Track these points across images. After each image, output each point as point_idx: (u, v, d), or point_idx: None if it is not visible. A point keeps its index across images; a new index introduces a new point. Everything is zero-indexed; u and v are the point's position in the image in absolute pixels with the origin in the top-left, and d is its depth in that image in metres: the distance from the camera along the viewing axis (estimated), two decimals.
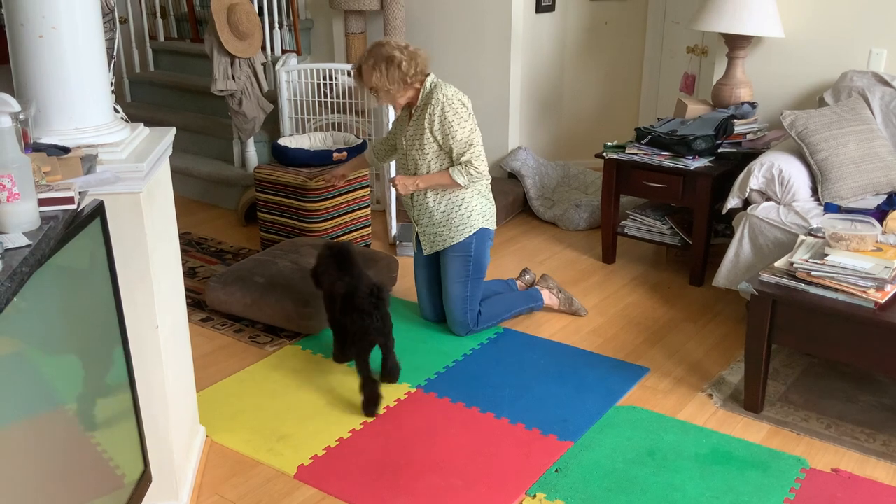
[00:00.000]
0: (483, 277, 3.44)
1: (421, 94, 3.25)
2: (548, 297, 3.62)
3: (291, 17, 5.46)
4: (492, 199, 3.44)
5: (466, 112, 3.21)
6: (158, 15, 5.95)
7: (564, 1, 5.31)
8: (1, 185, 1.58)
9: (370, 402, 2.88)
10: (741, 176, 3.51)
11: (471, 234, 3.33)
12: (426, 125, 3.23)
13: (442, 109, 3.18)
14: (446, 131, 3.19)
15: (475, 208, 3.33)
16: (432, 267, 3.48)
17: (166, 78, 5.78)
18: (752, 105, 4.05)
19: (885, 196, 3.40)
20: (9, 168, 1.60)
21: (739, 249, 3.45)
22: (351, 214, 4.21)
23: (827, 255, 2.77)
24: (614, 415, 2.90)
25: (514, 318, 3.58)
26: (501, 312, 3.50)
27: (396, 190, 3.35)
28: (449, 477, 2.58)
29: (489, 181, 3.40)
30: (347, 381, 3.13)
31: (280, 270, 3.60)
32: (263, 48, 5.01)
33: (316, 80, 4.70)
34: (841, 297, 2.65)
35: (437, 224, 3.35)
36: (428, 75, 3.26)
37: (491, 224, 3.41)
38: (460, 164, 3.23)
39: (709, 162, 3.81)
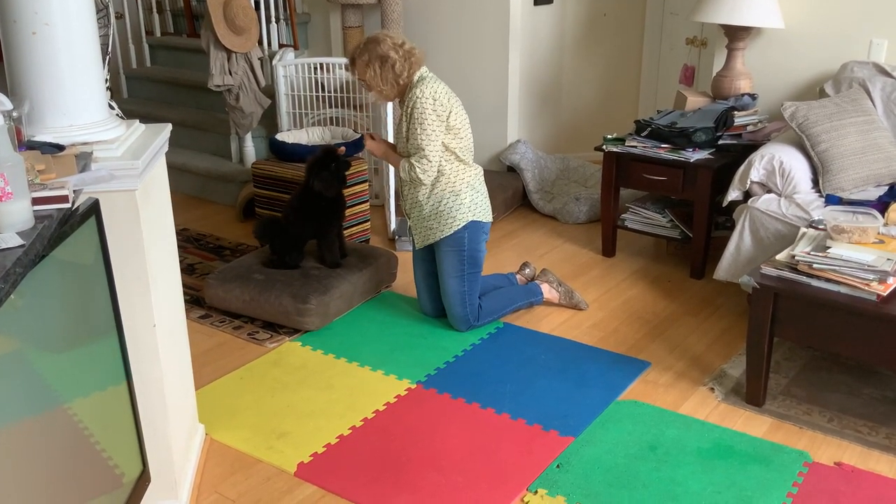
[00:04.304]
0: (480, 271, 3.42)
1: (409, 86, 3.26)
2: (547, 292, 3.60)
3: (288, 12, 5.44)
4: (484, 190, 3.41)
5: (435, 117, 3.18)
6: (154, 10, 5.93)
7: None
8: None
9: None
10: (742, 168, 3.49)
11: (460, 227, 3.30)
12: (405, 118, 3.26)
13: (414, 105, 3.19)
14: (411, 127, 3.23)
15: (464, 201, 3.30)
16: (431, 262, 3.47)
17: (163, 73, 5.75)
18: (752, 97, 4.03)
19: (887, 187, 3.38)
20: (1, 167, 1.58)
21: (740, 242, 3.43)
22: (349, 209, 4.18)
23: (829, 247, 2.75)
24: (615, 409, 2.89)
25: (514, 313, 3.56)
26: (502, 307, 3.49)
27: (369, 147, 3.49)
28: (450, 473, 2.56)
29: (480, 172, 3.39)
30: (347, 377, 3.12)
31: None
32: (260, 43, 4.98)
33: (313, 75, 4.68)
34: (843, 289, 2.64)
35: (427, 217, 3.34)
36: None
37: (483, 216, 3.38)
38: (410, 161, 3.26)
39: (709, 154, 3.79)
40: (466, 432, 2.77)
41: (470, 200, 3.32)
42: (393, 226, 4.43)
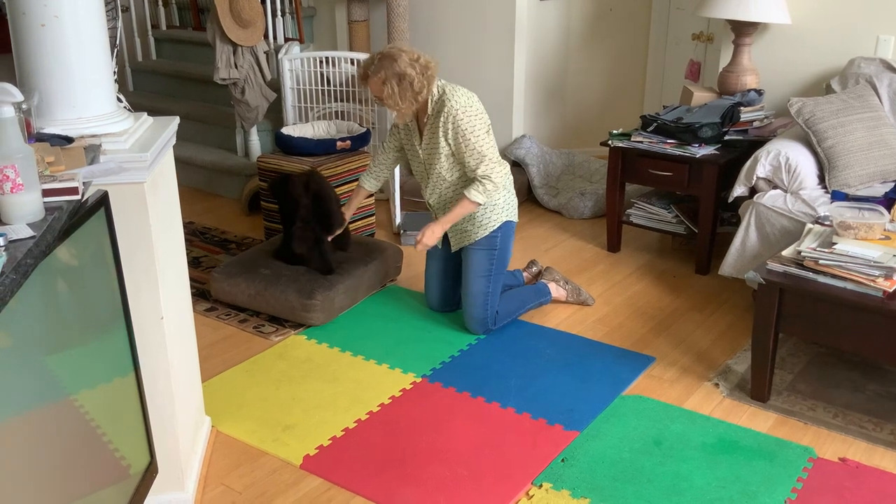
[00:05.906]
0: (504, 272, 3.40)
1: (430, 102, 3.14)
2: (555, 290, 3.59)
3: (294, 5, 5.43)
4: (512, 189, 3.36)
5: (478, 119, 3.11)
6: (160, 3, 5.92)
7: None
8: (4, 175, 1.57)
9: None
10: (748, 164, 3.48)
11: (496, 227, 3.26)
12: (440, 134, 3.14)
13: (455, 118, 3.08)
14: (459, 140, 3.10)
15: (498, 202, 3.26)
16: (450, 260, 3.44)
17: (168, 67, 5.76)
18: (759, 92, 4.02)
19: (893, 184, 3.37)
20: (12, 159, 1.59)
21: (746, 238, 3.43)
22: None
23: (834, 243, 2.75)
24: (620, 404, 2.89)
25: None
26: (514, 310, 3.45)
27: (425, 245, 3.23)
28: (455, 467, 2.57)
29: (508, 169, 3.29)
30: (353, 371, 3.12)
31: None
32: (266, 36, 4.98)
33: (319, 69, 4.68)
34: (849, 285, 2.64)
35: (463, 221, 3.28)
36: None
37: (515, 216, 3.34)
38: (476, 179, 3.13)
39: (715, 150, 3.79)
40: (471, 426, 2.77)
41: (504, 200, 3.27)
42: (398, 220, 4.43)
